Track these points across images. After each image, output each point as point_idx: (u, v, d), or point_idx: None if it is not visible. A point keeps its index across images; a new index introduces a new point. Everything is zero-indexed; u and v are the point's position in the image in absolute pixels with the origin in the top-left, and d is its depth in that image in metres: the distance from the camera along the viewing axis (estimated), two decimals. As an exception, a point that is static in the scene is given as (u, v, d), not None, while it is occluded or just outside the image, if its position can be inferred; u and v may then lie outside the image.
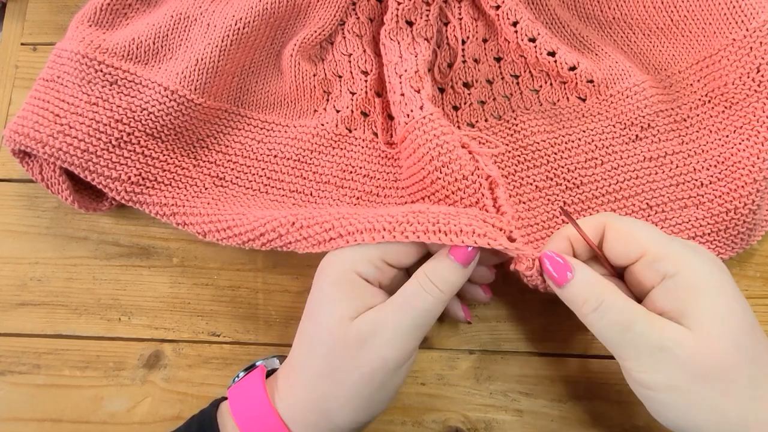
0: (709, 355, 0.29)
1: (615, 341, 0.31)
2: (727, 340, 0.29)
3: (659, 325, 0.30)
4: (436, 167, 0.37)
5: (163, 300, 0.42)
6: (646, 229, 0.33)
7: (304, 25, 0.44)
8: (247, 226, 0.37)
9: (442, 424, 0.40)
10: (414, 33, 0.43)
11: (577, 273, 0.32)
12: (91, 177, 0.39)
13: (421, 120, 0.39)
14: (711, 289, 0.30)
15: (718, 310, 0.30)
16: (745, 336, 0.30)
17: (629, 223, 0.34)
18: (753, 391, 0.29)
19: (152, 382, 0.41)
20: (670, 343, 0.29)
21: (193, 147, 0.42)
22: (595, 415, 0.39)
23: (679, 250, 0.32)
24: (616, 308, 0.31)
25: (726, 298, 0.30)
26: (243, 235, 0.38)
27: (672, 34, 0.44)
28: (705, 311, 0.30)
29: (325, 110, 0.44)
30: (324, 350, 0.32)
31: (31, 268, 0.43)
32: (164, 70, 0.41)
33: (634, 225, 0.34)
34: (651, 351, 0.30)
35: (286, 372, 0.34)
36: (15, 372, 0.41)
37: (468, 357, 0.41)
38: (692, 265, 0.31)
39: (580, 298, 0.32)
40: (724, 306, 0.30)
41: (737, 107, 0.41)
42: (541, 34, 0.43)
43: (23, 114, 0.39)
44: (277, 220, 0.37)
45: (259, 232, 0.37)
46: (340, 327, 0.32)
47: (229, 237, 0.38)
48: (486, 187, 0.37)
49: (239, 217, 0.38)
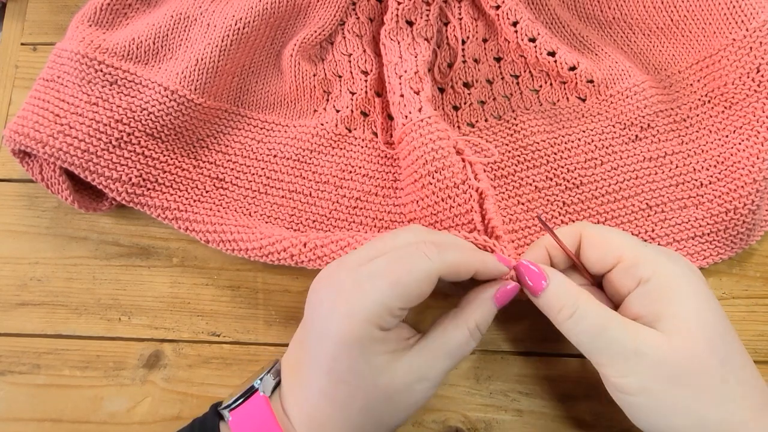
0: (682, 358, 0.29)
1: (590, 347, 0.32)
2: (701, 342, 0.29)
3: (633, 330, 0.30)
4: (429, 172, 0.37)
5: (163, 300, 0.42)
6: (621, 236, 0.34)
7: (304, 25, 0.44)
8: (254, 243, 0.38)
9: (442, 424, 0.40)
10: (414, 33, 0.43)
11: (551, 281, 0.33)
12: (92, 177, 0.39)
13: (418, 123, 0.39)
14: (684, 292, 0.31)
15: (691, 313, 0.30)
16: (717, 338, 0.30)
17: (604, 230, 0.35)
18: (728, 392, 0.29)
19: (152, 382, 0.41)
20: (644, 347, 0.30)
21: (193, 147, 0.42)
22: (595, 415, 0.39)
23: (653, 255, 0.32)
24: (590, 314, 0.31)
25: (699, 301, 0.31)
26: (250, 251, 0.38)
27: (672, 34, 0.44)
28: (678, 314, 0.30)
29: (324, 110, 0.44)
30: (366, 406, 0.31)
31: (31, 268, 0.43)
32: (164, 70, 0.41)
33: (609, 232, 0.35)
34: (626, 356, 0.30)
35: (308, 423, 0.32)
36: (15, 372, 0.41)
37: (468, 357, 0.41)
38: (666, 269, 0.32)
39: (555, 306, 0.33)
40: (697, 309, 0.30)
41: (737, 107, 0.41)
42: (541, 34, 0.43)
43: (23, 114, 0.39)
44: (288, 240, 0.38)
45: (268, 251, 0.38)
46: (381, 383, 0.30)
47: (234, 249, 0.39)
48: (475, 199, 0.37)
49: (245, 231, 0.39)
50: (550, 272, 0.33)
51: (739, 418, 0.29)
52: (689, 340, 0.30)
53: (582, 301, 0.32)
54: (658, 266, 0.32)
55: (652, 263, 0.32)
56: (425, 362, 0.31)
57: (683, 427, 0.30)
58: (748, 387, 0.30)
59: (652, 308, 0.31)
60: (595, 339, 0.31)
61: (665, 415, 0.30)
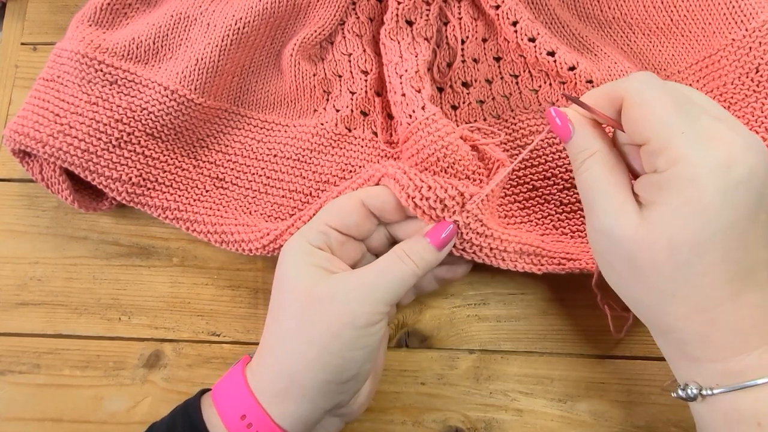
0: (636, 249, 0.29)
1: (582, 201, 0.33)
2: (662, 243, 0.29)
3: (614, 206, 0.30)
4: (442, 168, 0.37)
5: (163, 300, 0.42)
6: (662, 112, 0.29)
7: (304, 25, 0.44)
8: (256, 243, 0.39)
9: (442, 423, 0.40)
10: (414, 33, 0.43)
11: (577, 128, 0.33)
12: (92, 177, 0.39)
13: (424, 121, 0.39)
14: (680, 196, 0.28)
15: (671, 217, 0.29)
16: (685, 248, 0.28)
17: (647, 99, 0.30)
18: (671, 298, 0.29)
19: (152, 381, 0.41)
20: (610, 226, 0.30)
21: (193, 147, 0.42)
22: (595, 415, 0.39)
23: (684, 148, 0.28)
24: (591, 171, 0.32)
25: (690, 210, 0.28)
26: (255, 250, 0.39)
27: (672, 34, 0.44)
28: (660, 213, 0.29)
29: (324, 110, 0.44)
30: (293, 310, 0.33)
31: (31, 268, 0.43)
32: (164, 69, 0.41)
33: (649, 104, 0.29)
34: (596, 227, 0.31)
35: (259, 350, 0.34)
36: (15, 372, 0.41)
37: (468, 357, 0.41)
38: (686, 169, 0.28)
39: (572, 153, 0.33)
40: (680, 216, 0.28)
41: (736, 107, 0.41)
42: (541, 34, 0.43)
43: (23, 114, 0.39)
44: (288, 233, 0.38)
45: (271, 247, 0.38)
46: (307, 287, 0.33)
47: (238, 249, 0.39)
48: (487, 183, 0.38)
49: (245, 230, 0.39)
50: (576, 120, 0.33)
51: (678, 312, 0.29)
52: (652, 235, 0.29)
53: (594, 156, 0.32)
54: (680, 163, 0.28)
55: (675, 157, 0.28)
56: (348, 276, 0.33)
57: (633, 301, 0.32)
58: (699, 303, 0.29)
59: (648, 195, 0.30)
60: (585, 195, 0.32)
61: (619, 287, 0.32)
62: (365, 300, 0.32)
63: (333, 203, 0.36)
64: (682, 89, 0.31)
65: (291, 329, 0.33)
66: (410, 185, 0.34)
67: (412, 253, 0.34)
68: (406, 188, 0.34)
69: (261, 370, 0.33)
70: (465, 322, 0.41)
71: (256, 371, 0.33)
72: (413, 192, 0.34)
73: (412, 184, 0.34)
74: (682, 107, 0.29)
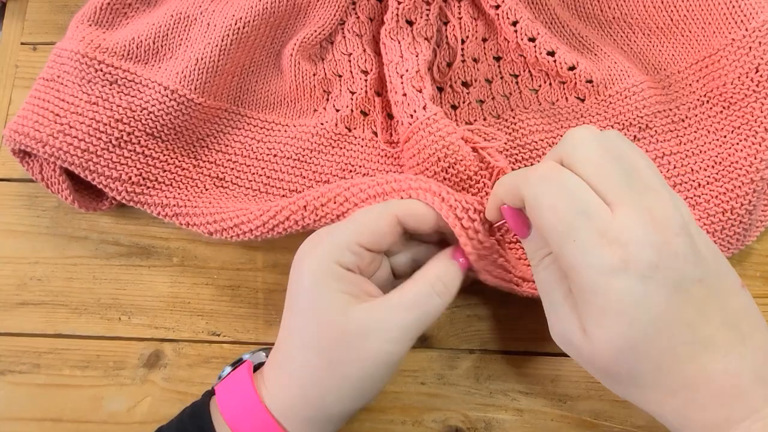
0: (589, 359, 0.29)
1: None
2: (605, 354, 0.28)
3: (563, 316, 0.30)
4: (442, 168, 0.37)
5: (163, 299, 0.42)
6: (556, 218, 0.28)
7: (304, 25, 0.44)
8: (256, 222, 0.37)
9: (442, 423, 0.40)
10: (414, 32, 0.43)
11: (533, 228, 0.32)
12: (92, 177, 0.39)
13: (425, 121, 0.39)
14: (593, 305, 0.28)
15: (597, 328, 0.28)
16: (626, 353, 0.27)
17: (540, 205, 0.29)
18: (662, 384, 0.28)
19: (152, 381, 0.41)
20: (562, 332, 0.30)
21: (193, 147, 0.42)
22: (595, 415, 0.39)
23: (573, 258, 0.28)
24: (545, 273, 0.31)
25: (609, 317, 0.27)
26: (255, 230, 0.38)
27: (672, 34, 0.44)
28: (590, 325, 0.28)
29: (324, 109, 0.44)
30: (321, 345, 0.31)
31: (31, 267, 0.43)
32: (164, 69, 0.41)
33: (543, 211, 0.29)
34: (554, 332, 0.31)
35: (275, 369, 0.33)
36: (15, 372, 0.41)
37: (468, 356, 0.41)
38: (581, 277, 0.27)
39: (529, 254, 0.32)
40: (604, 325, 0.27)
41: (735, 107, 0.41)
42: (541, 34, 0.43)
43: (23, 113, 0.39)
44: (288, 209, 0.37)
45: (272, 224, 0.37)
46: (337, 321, 0.31)
47: (239, 234, 0.38)
48: (489, 187, 0.37)
49: (244, 213, 0.38)
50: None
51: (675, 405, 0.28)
52: (604, 346, 0.28)
53: (547, 258, 0.31)
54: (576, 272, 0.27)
55: (570, 266, 0.28)
56: (382, 311, 0.31)
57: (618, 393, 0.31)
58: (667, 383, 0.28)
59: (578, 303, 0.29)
60: (541, 296, 0.32)
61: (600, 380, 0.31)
62: (399, 341, 0.31)
63: (364, 219, 0.33)
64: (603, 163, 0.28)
65: (321, 367, 0.31)
66: (458, 206, 0.33)
67: (448, 280, 0.33)
68: (455, 209, 0.33)
69: (285, 398, 0.32)
70: (465, 322, 0.41)
71: (275, 394, 0.32)
72: (461, 213, 0.33)
73: (460, 205, 0.33)
74: (579, 206, 0.27)
